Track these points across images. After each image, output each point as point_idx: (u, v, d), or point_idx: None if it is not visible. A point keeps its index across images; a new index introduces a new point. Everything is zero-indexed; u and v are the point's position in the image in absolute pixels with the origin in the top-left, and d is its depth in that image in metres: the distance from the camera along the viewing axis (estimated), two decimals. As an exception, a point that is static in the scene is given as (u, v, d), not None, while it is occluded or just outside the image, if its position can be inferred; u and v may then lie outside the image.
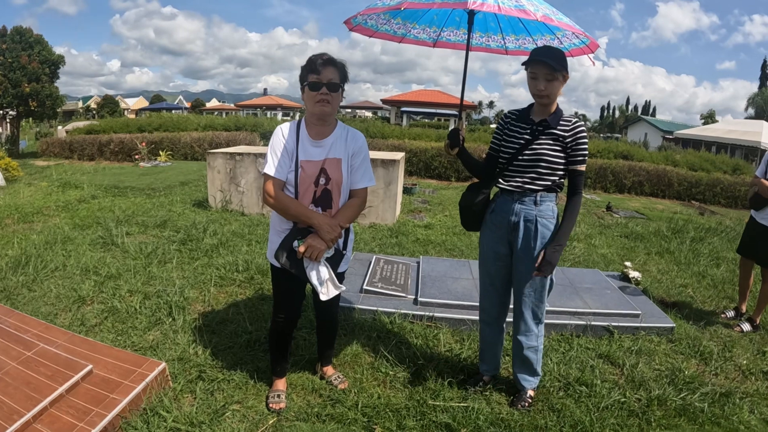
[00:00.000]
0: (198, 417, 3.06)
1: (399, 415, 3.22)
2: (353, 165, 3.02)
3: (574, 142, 3.02)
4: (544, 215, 3.12)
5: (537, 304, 3.27)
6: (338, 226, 2.91)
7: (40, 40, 20.51)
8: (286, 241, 2.91)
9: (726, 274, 6.72)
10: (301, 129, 2.98)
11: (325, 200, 2.98)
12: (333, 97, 2.86)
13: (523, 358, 3.39)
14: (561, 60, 2.96)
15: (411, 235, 7.85)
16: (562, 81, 2.99)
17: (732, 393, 3.68)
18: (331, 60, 2.82)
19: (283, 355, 3.39)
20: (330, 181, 2.96)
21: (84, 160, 17.34)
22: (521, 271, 3.22)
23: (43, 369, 3.00)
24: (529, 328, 3.32)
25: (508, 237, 3.24)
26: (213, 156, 8.97)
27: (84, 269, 5.48)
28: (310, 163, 2.93)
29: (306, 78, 2.84)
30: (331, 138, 2.98)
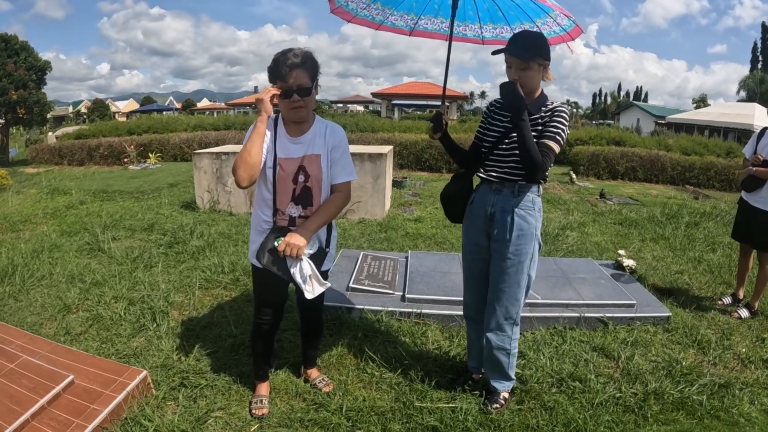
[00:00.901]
0: (180, 425, 2.98)
1: (384, 419, 3.14)
2: (333, 159, 2.94)
3: (550, 119, 2.89)
4: (523, 207, 3.01)
5: (511, 302, 3.12)
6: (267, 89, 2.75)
7: (25, 47, 20.39)
8: (266, 241, 2.84)
9: (722, 259, 6.65)
10: (279, 126, 2.90)
11: (305, 198, 2.90)
12: (306, 101, 2.78)
13: (494, 358, 3.25)
14: (535, 48, 2.86)
15: (400, 229, 7.79)
16: (538, 69, 2.88)
17: (731, 384, 3.59)
18: (295, 63, 2.68)
19: (265, 359, 3.32)
20: (309, 178, 2.88)
21: (74, 166, 17.30)
22: (496, 264, 3.10)
23: (26, 381, 2.97)
24: (500, 327, 3.18)
25: (486, 227, 3.13)
26: (199, 156, 8.89)
27: (70, 277, 5.42)
28: (288, 161, 2.85)
29: (274, 82, 2.75)
30: (309, 134, 2.91)
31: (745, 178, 4.88)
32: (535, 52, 2.84)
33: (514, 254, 3.01)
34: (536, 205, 3.06)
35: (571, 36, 3.55)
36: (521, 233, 3.00)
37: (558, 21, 3.50)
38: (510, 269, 3.04)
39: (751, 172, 4.78)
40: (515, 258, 3.02)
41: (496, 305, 3.15)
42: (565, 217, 9.06)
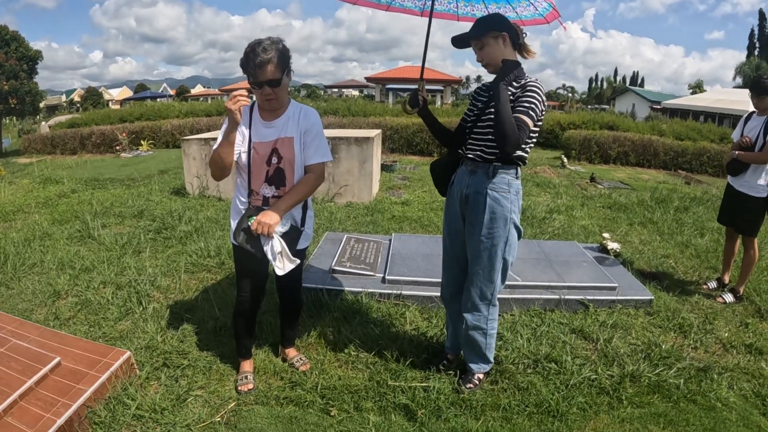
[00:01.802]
0: (161, 403, 3.06)
1: (357, 397, 3.20)
2: (305, 142, 3.01)
3: (521, 92, 2.85)
4: (497, 188, 2.98)
5: (486, 283, 3.13)
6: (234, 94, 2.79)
7: (16, 37, 20.31)
8: (241, 220, 2.94)
9: (710, 243, 6.67)
10: (254, 111, 3.00)
11: (278, 179, 2.99)
12: (277, 92, 2.85)
13: (470, 338, 3.28)
14: (483, 24, 2.90)
15: (387, 212, 7.81)
16: (496, 42, 2.89)
17: (710, 368, 3.61)
18: (264, 60, 2.71)
19: (248, 336, 3.42)
20: (282, 159, 2.96)
21: (66, 155, 17.31)
22: (470, 246, 3.12)
23: (14, 364, 3.05)
24: (476, 307, 3.20)
25: (461, 210, 3.16)
26: (188, 143, 8.90)
27: (60, 264, 5.48)
28: (262, 144, 2.95)
29: (246, 75, 2.82)
30: (283, 118, 2.99)
31: (730, 161, 4.89)
32: (484, 27, 2.88)
33: (487, 237, 3.02)
34: (512, 187, 3.02)
35: (546, 19, 3.57)
36: (494, 216, 2.98)
37: (535, 5, 3.52)
38: (483, 252, 3.05)
39: (735, 156, 4.80)
40: (488, 241, 3.02)
41: (471, 287, 3.18)
42: (554, 200, 9.07)
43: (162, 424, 2.93)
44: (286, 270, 2.94)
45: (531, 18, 3.60)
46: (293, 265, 2.97)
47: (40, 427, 2.62)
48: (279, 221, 2.87)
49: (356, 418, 3.05)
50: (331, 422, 3.02)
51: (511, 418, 3.08)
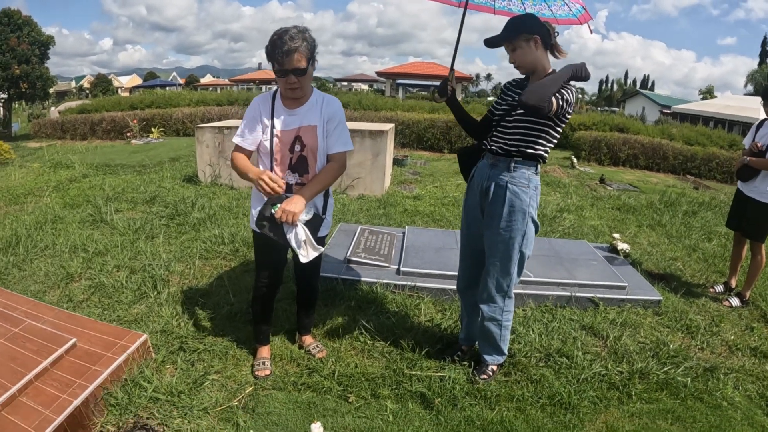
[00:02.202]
0: (177, 387, 3.09)
1: (374, 384, 3.26)
2: (328, 130, 3.03)
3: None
4: (517, 182, 3.03)
5: (502, 275, 3.18)
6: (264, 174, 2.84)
7: (29, 22, 20.34)
8: (265, 207, 2.95)
9: (717, 248, 6.67)
10: (277, 99, 3.01)
11: (301, 166, 3.02)
12: (301, 81, 2.86)
13: (485, 329, 3.33)
14: (515, 26, 2.91)
15: (399, 206, 7.85)
16: (528, 45, 2.91)
17: (717, 368, 3.66)
18: (291, 48, 2.73)
19: (266, 322, 3.46)
20: (305, 147, 2.99)
21: (76, 140, 17.29)
22: (487, 237, 3.16)
23: (29, 344, 3.04)
24: (492, 298, 3.25)
25: (481, 202, 3.20)
26: (201, 130, 8.93)
27: (73, 247, 5.50)
28: (285, 132, 2.97)
29: (272, 63, 2.83)
30: (306, 106, 3.01)
31: (740, 167, 4.90)
32: (516, 30, 2.89)
33: (505, 229, 3.06)
34: (532, 183, 3.07)
35: (579, 20, 3.58)
36: (513, 209, 3.03)
37: (569, 6, 3.54)
38: (500, 244, 3.10)
39: (746, 162, 4.81)
40: (506, 233, 3.06)
41: (488, 278, 3.22)
42: (564, 200, 9.08)
43: (179, 407, 2.96)
44: (310, 258, 2.98)
45: (565, 18, 3.60)
46: (317, 253, 3.01)
47: (56, 408, 2.63)
48: (303, 209, 2.89)
49: (374, 405, 3.10)
50: (349, 408, 3.06)
51: (524, 409, 3.13)
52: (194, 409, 2.95)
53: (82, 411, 2.73)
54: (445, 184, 9.83)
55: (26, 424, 2.53)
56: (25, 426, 2.51)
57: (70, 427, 2.64)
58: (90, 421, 2.78)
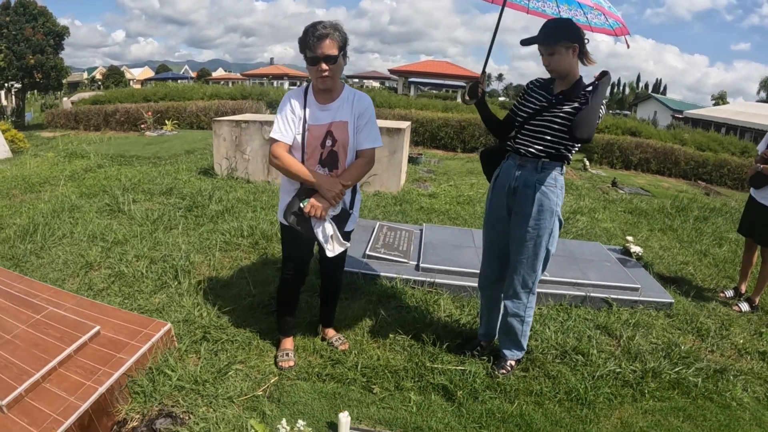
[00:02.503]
0: (202, 375, 3.14)
1: (397, 376, 3.33)
2: (359, 126, 3.08)
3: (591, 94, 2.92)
4: (545, 182, 3.10)
5: (528, 272, 3.26)
6: (338, 183, 2.97)
7: (44, 12, 20.36)
8: (293, 201, 3.01)
9: (728, 254, 6.70)
10: (309, 94, 3.05)
11: (331, 161, 3.06)
12: (332, 69, 2.89)
13: (507, 324, 3.41)
14: (557, 32, 2.93)
15: (415, 203, 7.90)
16: (566, 52, 2.94)
17: (726, 370, 3.73)
18: (323, 34, 2.79)
19: (290, 314, 3.51)
20: (336, 142, 3.03)
21: (90, 131, 17.38)
22: (515, 236, 3.22)
23: (52, 331, 3.07)
24: (517, 294, 3.33)
25: (508, 202, 3.25)
26: (219, 124, 8.97)
27: (91, 236, 5.56)
28: (316, 127, 3.00)
29: (304, 52, 2.88)
30: (337, 102, 3.05)
31: (753, 174, 4.94)
32: (558, 37, 2.91)
33: (534, 228, 3.14)
34: (558, 182, 3.15)
35: (615, 32, 3.55)
36: (542, 208, 3.11)
37: (606, 17, 3.48)
38: (529, 242, 3.17)
39: (759, 169, 4.85)
40: (534, 232, 3.14)
41: (514, 275, 3.31)
42: (577, 202, 9.11)
43: (204, 395, 3.01)
44: (336, 252, 3.05)
45: (600, 26, 3.56)
46: (343, 248, 3.08)
47: (81, 395, 2.66)
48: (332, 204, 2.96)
49: (397, 397, 3.17)
50: (373, 399, 3.14)
51: (543, 403, 3.21)
52: (219, 397, 3.00)
53: (107, 398, 2.76)
54: (460, 183, 9.88)
55: (51, 410, 2.55)
56: (50, 412, 2.54)
57: (95, 413, 2.66)
58: (114, 408, 2.82)
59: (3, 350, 2.89)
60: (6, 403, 2.52)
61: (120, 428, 2.78)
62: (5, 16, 19.33)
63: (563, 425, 3.04)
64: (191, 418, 2.85)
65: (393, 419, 2.97)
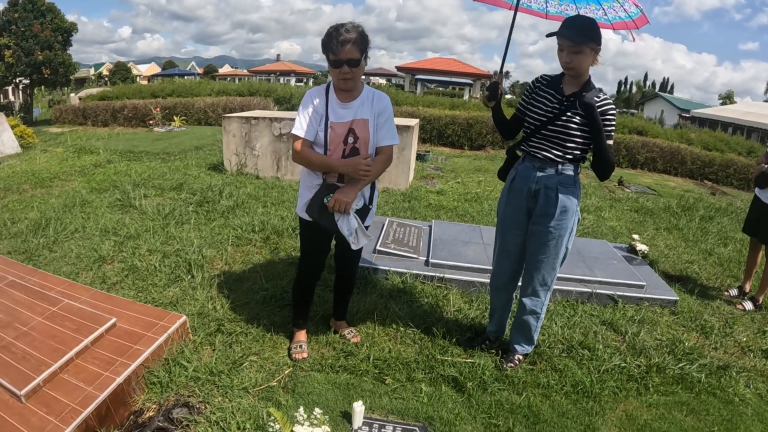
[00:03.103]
0: (217, 367, 3.22)
1: (409, 368, 3.41)
2: (378, 124, 3.15)
3: (602, 116, 2.98)
4: (565, 183, 3.15)
5: (548, 270, 3.33)
6: (360, 160, 3.03)
7: (52, 8, 20.43)
8: (316, 197, 3.08)
9: (733, 253, 6.73)
10: (330, 93, 3.12)
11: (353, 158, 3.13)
12: (354, 72, 2.97)
13: (523, 321, 3.48)
14: (586, 32, 2.90)
15: (423, 200, 7.96)
16: (590, 54, 2.95)
17: (729, 367, 3.79)
18: (347, 39, 2.86)
19: (305, 307, 3.59)
20: (358, 140, 3.10)
21: (98, 126, 17.49)
22: (537, 236, 3.27)
23: (68, 323, 3.14)
24: (536, 292, 3.40)
25: (527, 204, 3.29)
26: (228, 120, 9.05)
27: (103, 230, 5.64)
28: (339, 124, 3.07)
29: (327, 54, 2.94)
30: (358, 100, 3.12)
31: (759, 175, 4.97)
32: (587, 37, 2.90)
33: (556, 228, 3.19)
34: (577, 182, 3.23)
35: (636, 24, 3.55)
36: (564, 209, 3.16)
37: (625, 7, 3.51)
38: (551, 242, 3.23)
39: (764, 170, 4.89)
40: (556, 232, 3.21)
41: (534, 273, 3.37)
42: (583, 200, 9.10)
43: (219, 386, 3.08)
44: (361, 245, 3.14)
45: (621, 21, 3.56)
46: (367, 241, 3.17)
47: (99, 385, 2.72)
48: (355, 199, 3.04)
49: (409, 388, 3.25)
50: (386, 390, 3.22)
51: (550, 396, 3.29)
52: (234, 388, 3.08)
53: (124, 388, 2.83)
54: (467, 181, 9.94)
55: (69, 400, 2.62)
56: (68, 402, 2.61)
57: (113, 403, 2.73)
58: (131, 398, 2.89)
59: (20, 342, 2.96)
60: (24, 393, 2.60)
61: (137, 418, 2.83)
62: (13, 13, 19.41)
63: (569, 417, 3.11)
64: (207, 408, 2.92)
65: (405, 409, 3.05)
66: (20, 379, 2.66)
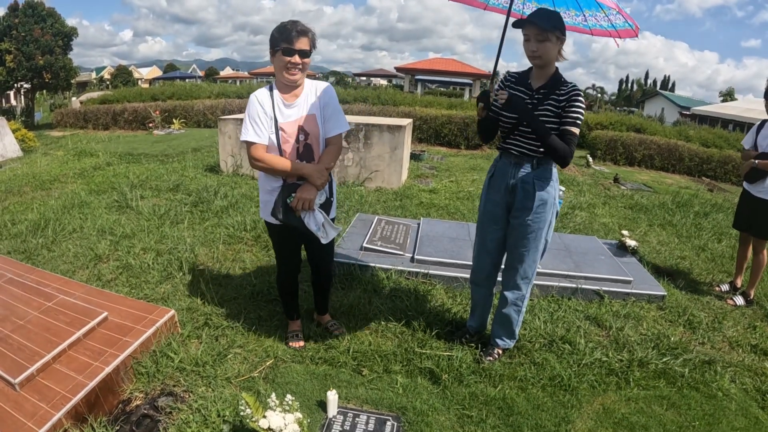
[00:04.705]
0: (202, 358, 3.34)
1: (386, 360, 3.48)
2: (326, 116, 3.22)
3: (567, 103, 3.01)
4: (542, 177, 3.20)
5: (529, 263, 3.38)
6: (324, 169, 3.13)
7: (52, 13, 20.55)
8: (278, 199, 3.14)
9: (726, 249, 6.72)
10: (275, 93, 3.17)
11: (307, 154, 3.21)
12: (304, 64, 3.06)
13: (504, 315, 3.52)
14: (552, 20, 2.92)
15: (415, 198, 7.99)
16: (556, 42, 2.98)
17: (715, 361, 3.80)
18: (304, 30, 2.99)
19: (293, 300, 3.70)
20: (309, 135, 3.18)
21: (99, 130, 17.58)
22: (517, 230, 3.32)
23: (62, 317, 3.28)
24: (517, 286, 3.44)
25: (506, 199, 3.34)
26: (224, 122, 9.14)
27: (100, 230, 5.75)
28: (288, 124, 3.14)
29: (278, 44, 3.01)
30: (302, 97, 3.19)
31: (749, 170, 4.94)
32: (553, 25, 2.91)
33: (534, 221, 3.25)
34: (554, 175, 3.27)
35: (619, 34, 3.51)
36: (542, 202, 3.22)
37: (611, 18, 3.45)
38: (530, 235, 3.29)
39: (754, 164, 4.85)
40: (535, 225, 3.26)
41: (515, 266, 3.42)
42: (576, 197, 9.14)
43: (203, 376, 3.21)
44: (330, 237, 3.21)
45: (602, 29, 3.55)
46: (336, 232, 3.24)
47: (89, 374, 2.86)
48: (317, 194, 3.10)
49: (385, 379, 3.33)
50: (362, 380, 3.30)
51: (526, 388, 3.33)
52: (218, 378, 3.20)
53: (113, 377, 2.96)
54: (461, 179, 9.95)
55: (60, 387, 2.76)
56: (59, 389, 2.74)
57: (102, 391, 2.86)
58: (120, 387, 3.02)
59: (16, 334, 3.10)
60: (18, 382, 2.73)
61: (125, 406, 2.96)
62: (14, 18, 19.54)
63: (544, 409, 3.15)
64: (191, 396, 3.04)
65: (379, 399, 3.12)
66: (15, 369, 2.80)
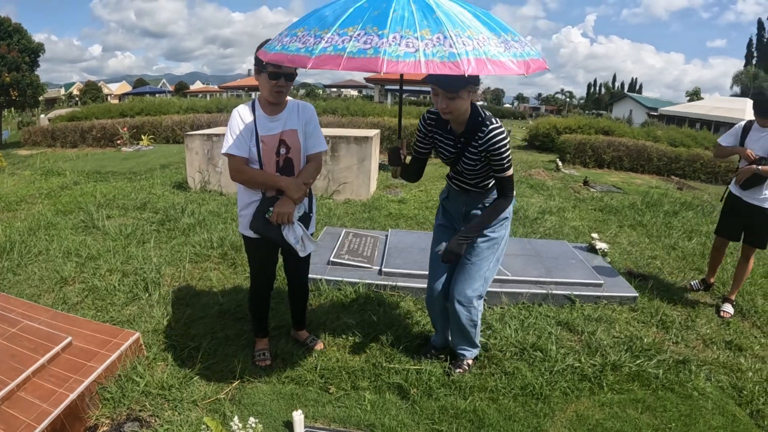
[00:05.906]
0: (168, 381, 3.27)
1: (354, 377, 3.44)
2: (307, 132, 3.27)
3: (487, 152, 2.97)
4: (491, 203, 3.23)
5: (483, 280, 3.36)
6: (302, 184, 3.15)
7: (19, 29, 20.29)
8: (258, 212, 3.13)
9: (697, 246, 6.77)
10: (257, 108, 3.20)
11: (287, 168, 3.21)
12: (288, 86, 3.11)
13: (462, 328, 3.45)
14: (462, 78, 2.45)
15: (384, 209, 7.96)
16: (467, 97, 2.89)
17: (689, 360, 3.80)
18: None
19: (264, 317, 3.67)
20: (290, 149, 3.19)
21: (67, 148, 17.34)
22: (469, 246, 3.29)
23: (27, 343, 3.20)
24: (470, 300, 3.36)
25: (460, 224, 3.38)
26: (191, 138, 9.06)
27: (66, 252, 5.64)
28: (269, 137, 3.15)
29: (265, 67, 3.01)
30: (285, 112, 3.21)
31: (750, 176, 4.62)
32: (465, 81, 2.73)
33: (490, 240, 3.28)
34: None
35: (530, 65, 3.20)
36: (497, 221, 3.25)
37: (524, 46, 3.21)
38: (485, 251, 3.30)
39: (757, 171, 4.51)
40: (490, 242, 3.29)
41: (470, 282, 3.34)
42: (546, 202, 9.20)
43: (170, 400, 3.15)
44: (308, 251, 3.22)
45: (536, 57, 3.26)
46: (314, 246, 3.26)
47: (54, 401, 2.78)
48: (295, 208, 3.11)
49: (353, 396, 3.28)
50: (329, 399, 3.25)
51: (497, 399, 3.29)
52: (184, 401, 3.14)
53: (78, 404, 2.89)
54: (430, 188, 9.93)
55: (25, 416, 2.67)
56: (24, 418, 2.66)
57: (67, 419, 2.79)
58: (86, 414, 2.95)
59: (-18, 362, 3.00)
60: (-17, 412, 2.64)
61: (91, 433, 2.89)
62: (-21, 35, 19.29)
63: (517, 420, 3.12)
64: (157, 421, 2.98)
65: (347, 417, 3.08)
66: (-20, 398, 2.72)
